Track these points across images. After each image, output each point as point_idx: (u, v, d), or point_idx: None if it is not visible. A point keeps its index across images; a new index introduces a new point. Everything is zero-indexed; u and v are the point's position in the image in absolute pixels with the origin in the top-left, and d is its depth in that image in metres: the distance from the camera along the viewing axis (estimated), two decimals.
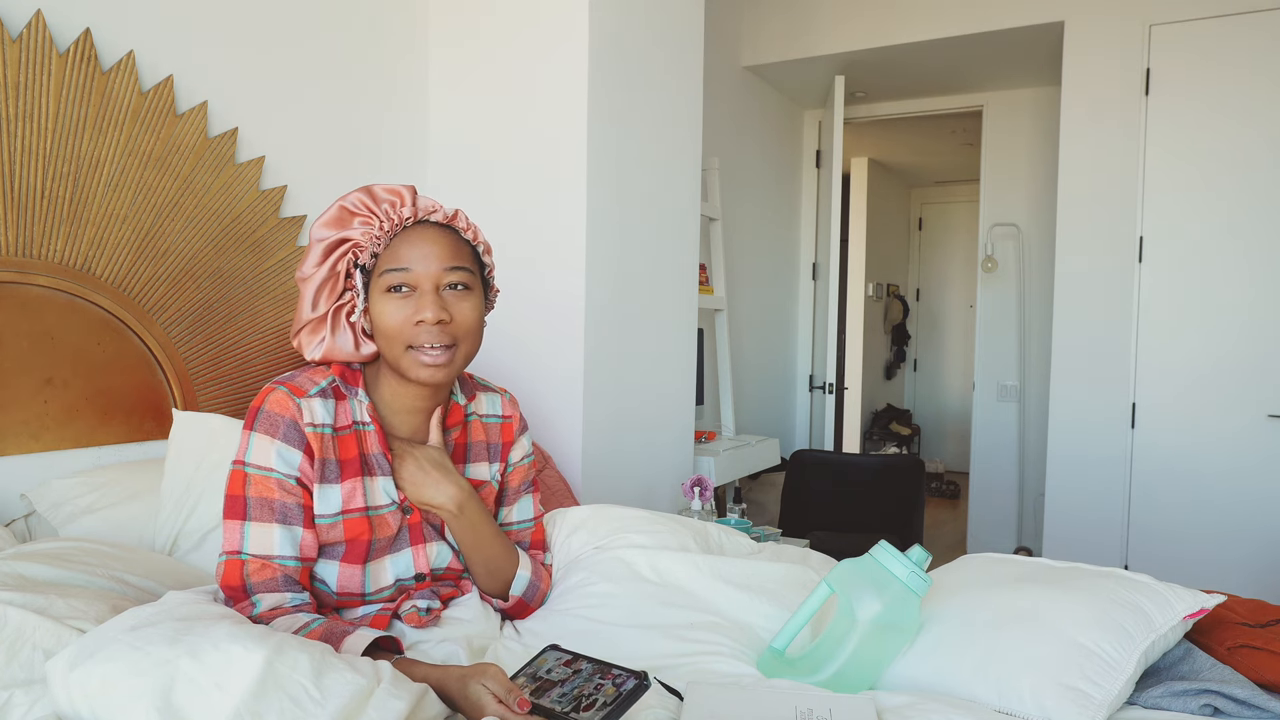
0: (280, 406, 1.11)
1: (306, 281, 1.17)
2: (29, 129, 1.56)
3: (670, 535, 1.53)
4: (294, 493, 1.11)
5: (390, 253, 1.14)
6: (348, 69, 2.23)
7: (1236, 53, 3.07)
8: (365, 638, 1.02)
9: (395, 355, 1.15)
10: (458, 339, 1.16)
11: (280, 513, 1.10)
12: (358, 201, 1.15)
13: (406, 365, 1.14)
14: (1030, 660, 1.12)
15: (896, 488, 3.34)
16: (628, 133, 2.41)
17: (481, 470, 1.31)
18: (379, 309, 1.14)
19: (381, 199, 1.16)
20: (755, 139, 4.15)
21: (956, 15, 3.52)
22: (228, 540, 1.10)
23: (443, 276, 1.14)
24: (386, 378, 1.21)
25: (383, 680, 0.88)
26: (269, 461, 1.10)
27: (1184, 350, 3.21)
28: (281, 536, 1.09)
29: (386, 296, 1.14)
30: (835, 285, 3.86)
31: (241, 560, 1.08)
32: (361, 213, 1.15)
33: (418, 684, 0.92)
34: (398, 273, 1.13)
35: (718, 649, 1.24)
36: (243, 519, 1.09)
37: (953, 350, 7.07)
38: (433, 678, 0.97)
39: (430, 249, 1.14)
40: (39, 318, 1.59)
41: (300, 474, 1.11)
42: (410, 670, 0.98)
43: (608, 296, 2.35)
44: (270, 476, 1.10)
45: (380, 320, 1.14)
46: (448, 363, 1.15)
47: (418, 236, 1.15)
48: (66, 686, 0.83)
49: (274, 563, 1.09)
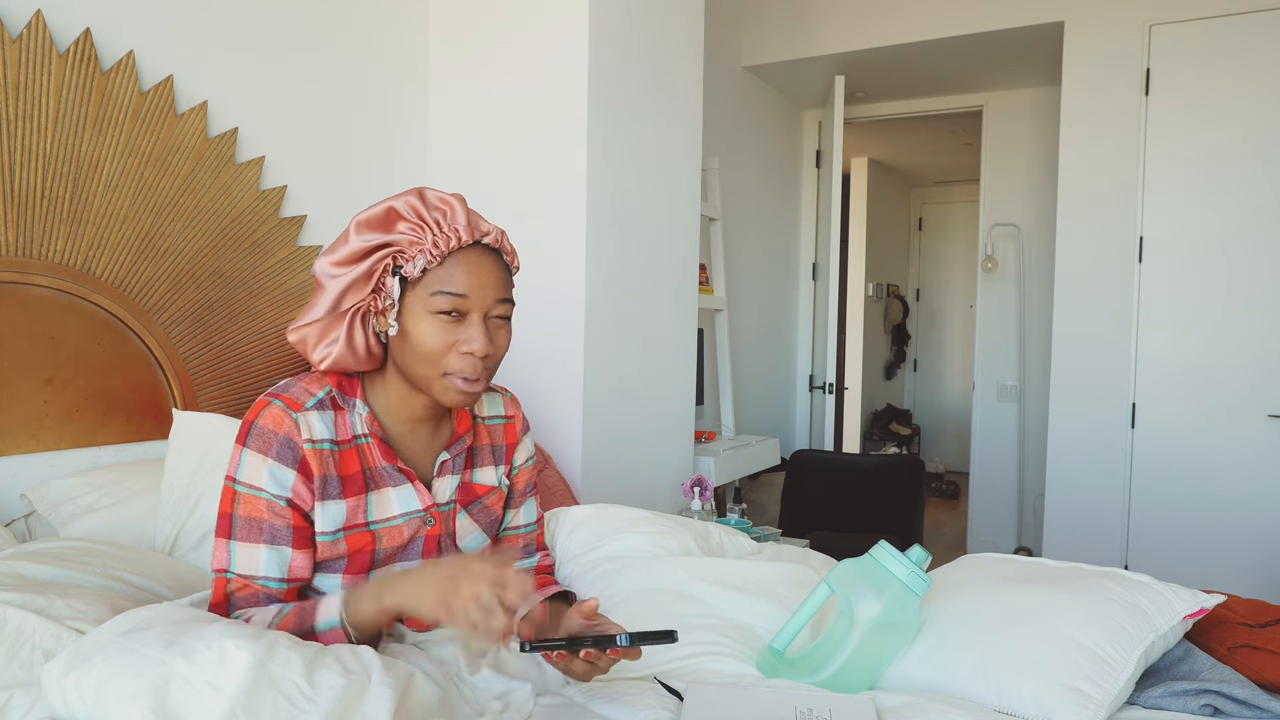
0: (275, 423, 1.08)
1: (336, 278, 1.11)
2: (29, 129, 1.56)
3: (671, 536, 1.53)
4: (283, 515, 1.08)
5: (445, 274, 1.09)
6: (348, 69, 2.23)
7: (1236, 53, 3.07)
8: (334, 604, 1.03)
9: (427, 376, 1.10)
10: (491, 369, 1.14)
11: (268, 533, 1.07)
12: (408, 205, 1.10)
13: (440, 389, 1.11)
14: (1030, 660, 1.13)
15: (896, 488, 3.34)
16: (628, 133, 2.41)
17: (489, 475, 1.29)
18: (420, 328, 1.09)
19: (433, 206, 1.11)
20: (755, 139, 4.15)
21: (956, 15, 3.52)
22: (216, 558, 1.09)
23: (493, 308, 1.11)
24: (394, 387, 1.17)
25: (373, 674, 0.88)
26: (259, 481, 1.07)
27: (1184, 350, 3.21)
28: (268, 558, 1.07)
29: (433, 318, 1.08)
30: (835, 285, 3.86)
31: (227, 579, 1.07)
32: (411, 218, 1.09)
33: (404, 671, 0.93)
34: (453, 298, 1.08)
35: (718, 649, 1.24)
36: (230, 538, 1.08)
37: (953, 350, 7.07)
38: (391, 600, 1.00)
39: (487, 278, 1.10)
40: (39, 318, 1.59)
41: (293, 495, 1.08)
42: (365, 605, 1.01)
43: (608, 296, 2.36)
44: (260, 496, 1.07)
45: (421, 340, 1.09)
46: (481, 388, 1.12)
47: (475, 262, 1.10)
48: (62, 691, 0.83)
49: (256, 583, 1.07)
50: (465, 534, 1.25)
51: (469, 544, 1.25)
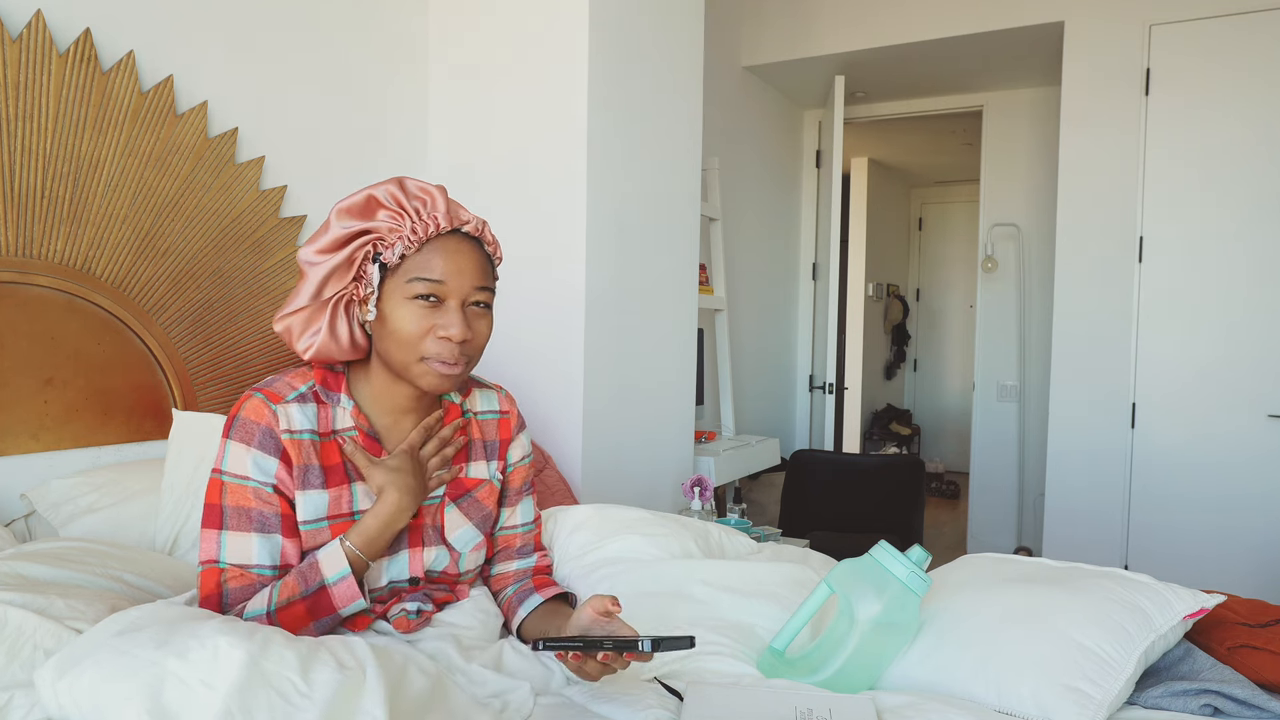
0: (255, 414, 1.10)
1: (317, 265, 1.12)
2: (29, 129, 1.56)
3: (671, 536, 1.53)
4: (271, 501, 1.09)
5: (422, 261, 1.11)
6: (348, 69, 2.24)
7: (1236, 53, 3.08)
8: (335, 553, 1.09)
9: (405, 361, 1.12)
10: (471, 355, 1.15)
11: (258, 521, 1.08)
12: (387, 194, 1.12)
13: (417, 373, 1.12)
14: (1030, 660, 1.13)
15: (896, 488, 3.34)
16: (628, 133, 2.41)
17: (481, 469, 1.30)
18: (399, 314, 1.11)
19: (413, 195, 1.12)
20: (755, 139, 4.15)
21: (956, 15, 3.52)
22: (205, 549, 1.09)
23: (471, 294, 1.13)
24: (378, 377, 1.18)
25: (368, 668, 0.88)
26: (245, 470, 1.09)
27: (1184, 350, 3.21)
28: (259, 545, 1.08)
29: (410, 303, 1.10)
30: (835, 285, 3.86)
31: (219, 569, 1.08)
32: (390, 206, 1.11)
33: (398, 663, 0.93)
34: (429, 283, 1.10)
35: (718, 649, 1.24)
36: (219, 528, 1.08)
37: (953, 350, 7.07)
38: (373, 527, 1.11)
39: (465, 264, 1.12)
40: (39, 318, 1.59)
41: (278, 482, 1.10)
42: (362, 537, 1.11)
43: (608, 296, 2.36)
44: (247, 485, 1.09)
45: (399, 325, 1.11)
46: (460, 373, 1.14)
47: (453, 249, 1.12)
48: (55, 694, 0.83)
49: (251, 572, 1.08)
50: (455, 527, 1.25)
51: (459, 538, 1.25)
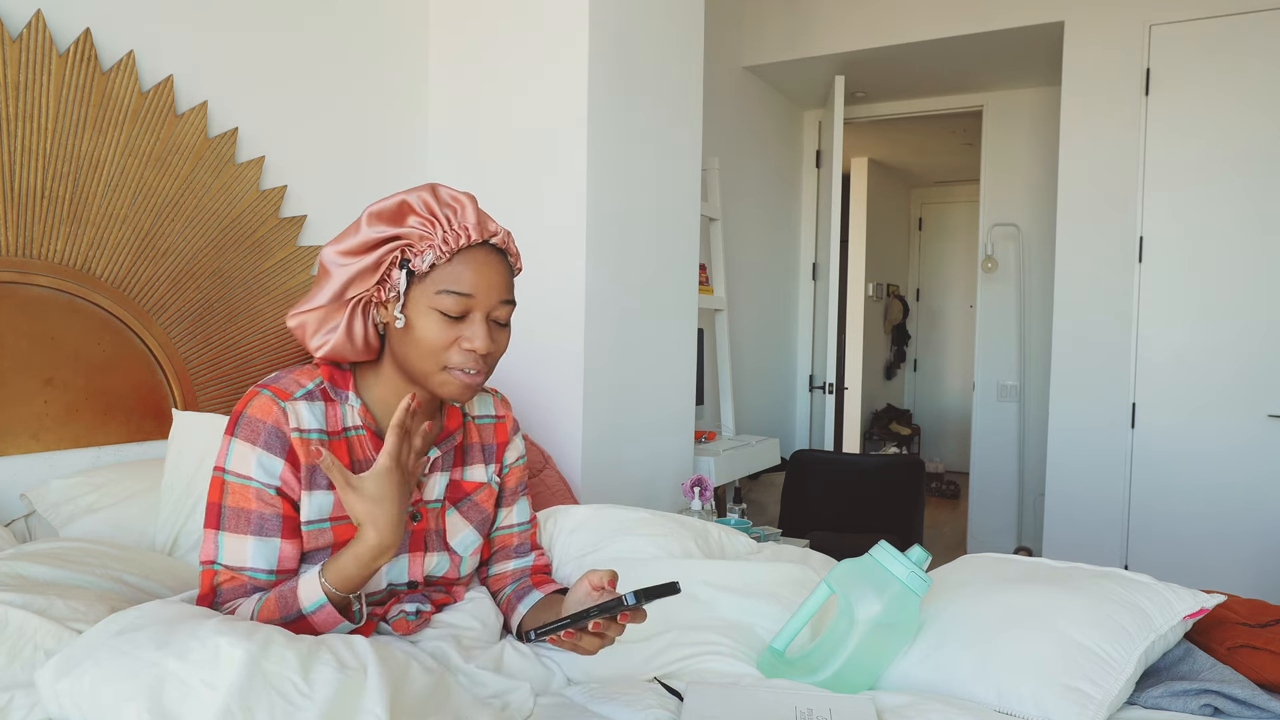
0: (263, 412, 1.09)
1: (343, 266, 1.12)
2: (29, 129, 1.56)
3: (671, 536, 1.53)
4: (272, 503, 1.08)
5: (452, 272, 1.10)
6: (348, 69, 2.23)
7: (1236, 53, 3.08)
8: (312, 582, 1.03)
9: (426, 370, 1.11)
10: (491, 366, 1.15)
11: (256, 524, 1.07)
12: (420, 200, 1.11)
13: (439, 382, 1.12)
14: (1030, 660, 1.13)
15: (896, 488, 3.34)
16: (628, 133, 2.41)
17: (479, 472, 1.30)
18: (424, 322, 1.10)
19: (445, 203, 1.12)
20: (755, 139, 4.15)
21: (956, 15, 3.52)
22: (204, 549, 1.09)
23: (496, 308, 1.12)
24: (390, 379, 1.18)
25: (369, 667, 0.88)
26: (248, 470, 1.08)
27: (1184, 351, 3.21)
28: (255, 549, 1.07)
29: (437, 313, 1.10)
30: (835, 285, 3.86)
31: (214, 570, 1.08)
32: (422, 213, 1.11)
33: (400, 662, 0.93)
34: (459, 296, 1.09)
35: (718, 649, 1.24)
36: (218, 529, 1.08)
37: (953, 350, 7.07)
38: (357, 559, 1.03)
39: (493, 279, 1.12)
40: (39, 318, 1.59)
41: (281, 483, 1.09)
42: (340, 569, 1.03)
43: (608, 296, 2.36)
44: (249, 486, 1.08)
45: (424, 334, 1.10)
46: (480, 383, 1.14)
47: (481, 261, 1.11)
48: (56, 694, 0.83)
49: (244, 574, 1.07)
50: (456, 531, 1.25)
51: (461, 542, 1.25)
